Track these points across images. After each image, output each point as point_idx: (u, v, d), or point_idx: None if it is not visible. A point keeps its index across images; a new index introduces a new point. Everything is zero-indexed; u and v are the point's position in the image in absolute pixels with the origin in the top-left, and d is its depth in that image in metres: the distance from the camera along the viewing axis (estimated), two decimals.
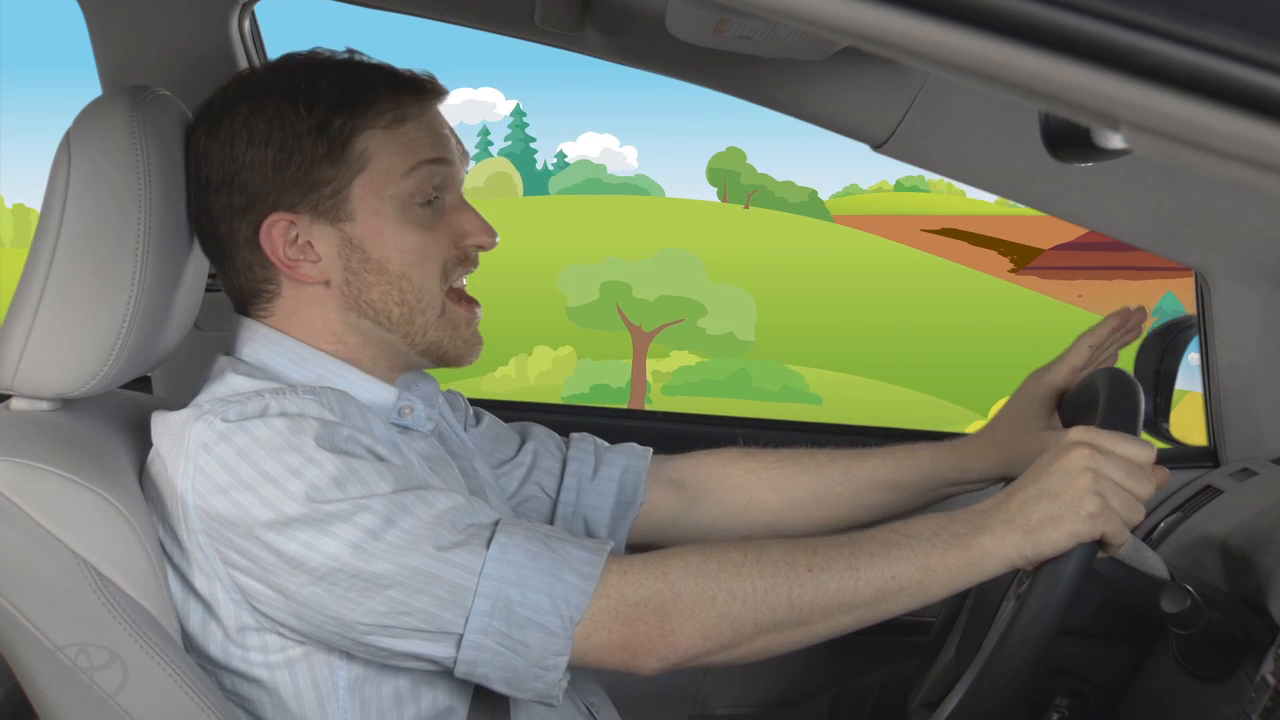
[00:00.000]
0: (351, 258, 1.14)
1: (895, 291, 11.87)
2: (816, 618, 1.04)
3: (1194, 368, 1.68)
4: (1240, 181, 0.56)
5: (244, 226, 1.14)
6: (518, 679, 1.04)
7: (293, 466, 1.02)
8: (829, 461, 1.39)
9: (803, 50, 1.39)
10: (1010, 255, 12.86)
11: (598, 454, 1.41)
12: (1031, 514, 1.04)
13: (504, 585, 1.02)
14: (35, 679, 1.07)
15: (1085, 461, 1.04)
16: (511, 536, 1.04)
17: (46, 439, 1.07)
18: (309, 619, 1.04)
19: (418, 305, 1.15)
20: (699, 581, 1.03)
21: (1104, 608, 1.20)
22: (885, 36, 0.58)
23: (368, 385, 1.16)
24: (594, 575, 1.03)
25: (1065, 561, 1.03)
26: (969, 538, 1.04)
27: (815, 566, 1.04)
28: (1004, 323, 11.30)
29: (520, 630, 1.02)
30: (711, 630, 1.03)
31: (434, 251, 1.15)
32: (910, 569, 1.04)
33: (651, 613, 1.03)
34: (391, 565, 1.01)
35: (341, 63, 1.17)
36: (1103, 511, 1.02)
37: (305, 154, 1.12)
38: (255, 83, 1.16)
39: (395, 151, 1.13)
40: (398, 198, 1.13)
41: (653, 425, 1.92)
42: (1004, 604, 1.21)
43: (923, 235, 13.18)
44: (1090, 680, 1.23)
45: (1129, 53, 0.54)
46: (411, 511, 1.03)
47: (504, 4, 1.60)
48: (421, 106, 1.16)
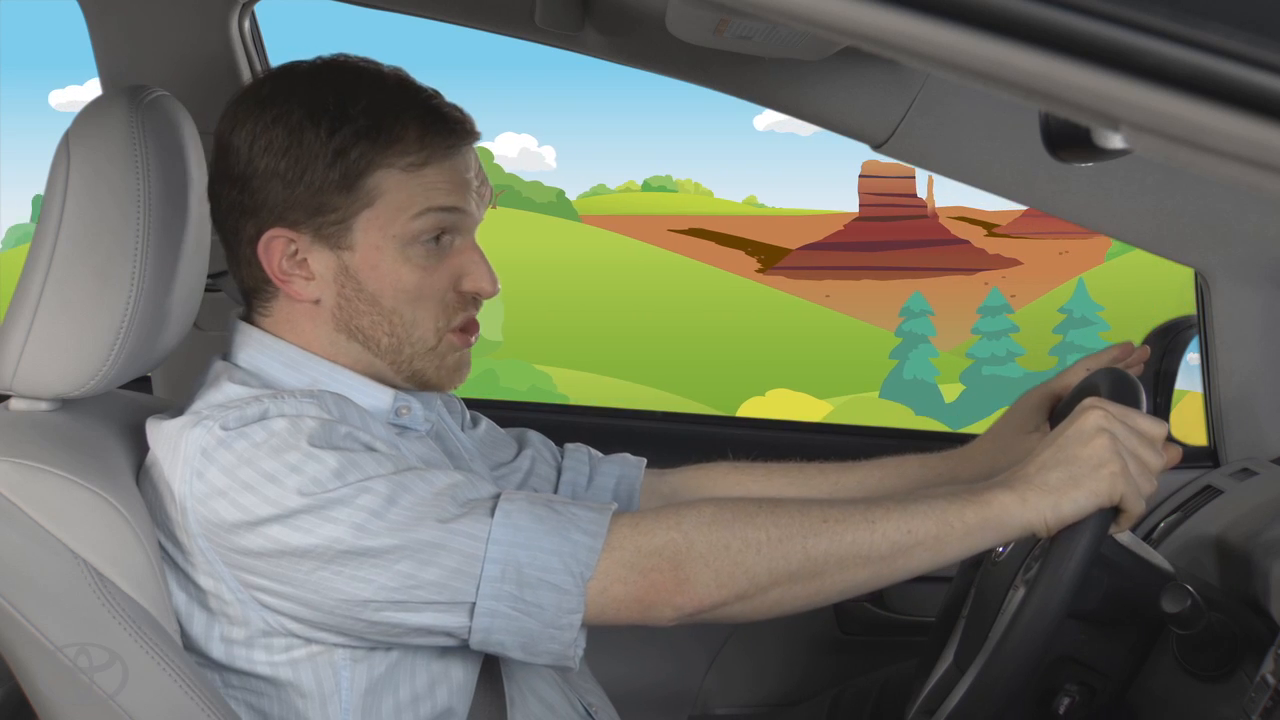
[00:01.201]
0: (346, 285, 1.13)
1: (642, 291, 12.00)
2: (832, 569, 1.03)
3: (1194, 368, 1.68)
4: (1240, 181, 0.56)
5: (249, 226, 1.13)
6: (533, 642, 1.04)
7: (292, 464, 1.03)
8: (818, 474, 1.39)
9: (803, 50, 1.39)
10: (758, 255, 12.94)
11: (592, 464, 1.41)
12: (1050, 476, 1.04)
13: (513, 549, 1.02)
14: (35, 679, 1.07)
15: (1101, 422, 1.04)
16: (515, 503, 1.04)
17: (46, 439, 1.07)
18: (320, 606, 1.04)
19: (406, 339, 1.14)
20: (713, 530, 1.03)
21: (1112, 595, 1.20)
22: (885, 36, 0.58)
23: (364, 388, 1.16)
24: (601, 532, 1.03)
25: (1080, 532, 1.03)
26: (988, 494, 1.04)
27: (830, 518, 1.04)
28: (751, 322, 11.41)
29: (533, 592, 1.02)
30: (726, 579, 1.02)
31: (429, 293, 1.13)
32: (927, 524, 1.03)
33: (666, 561, 1.02)
34: (397, 540, 1.02)
35: (378, 85, 1.13)
36: (1123, 472, 1.02)
37: (317, 177, 1.10)
38: (290, 86, 1.13)
39: (408, 193, 1.11)
40: (401, 237, 1.11)
41: (651, 425, 1.92)
42: (1011, 593, 1.21)
43: (670, 235, 13.18)
44: (1098, 669, 1.23)
45: (1129, 53, 0.54)
46: (412, 489, 1.03)
47: (504, 4, 1.60)
48: (449, 151, 1.12)
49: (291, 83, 1.13)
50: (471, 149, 1.16)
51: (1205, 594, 1.16)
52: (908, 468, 1.37)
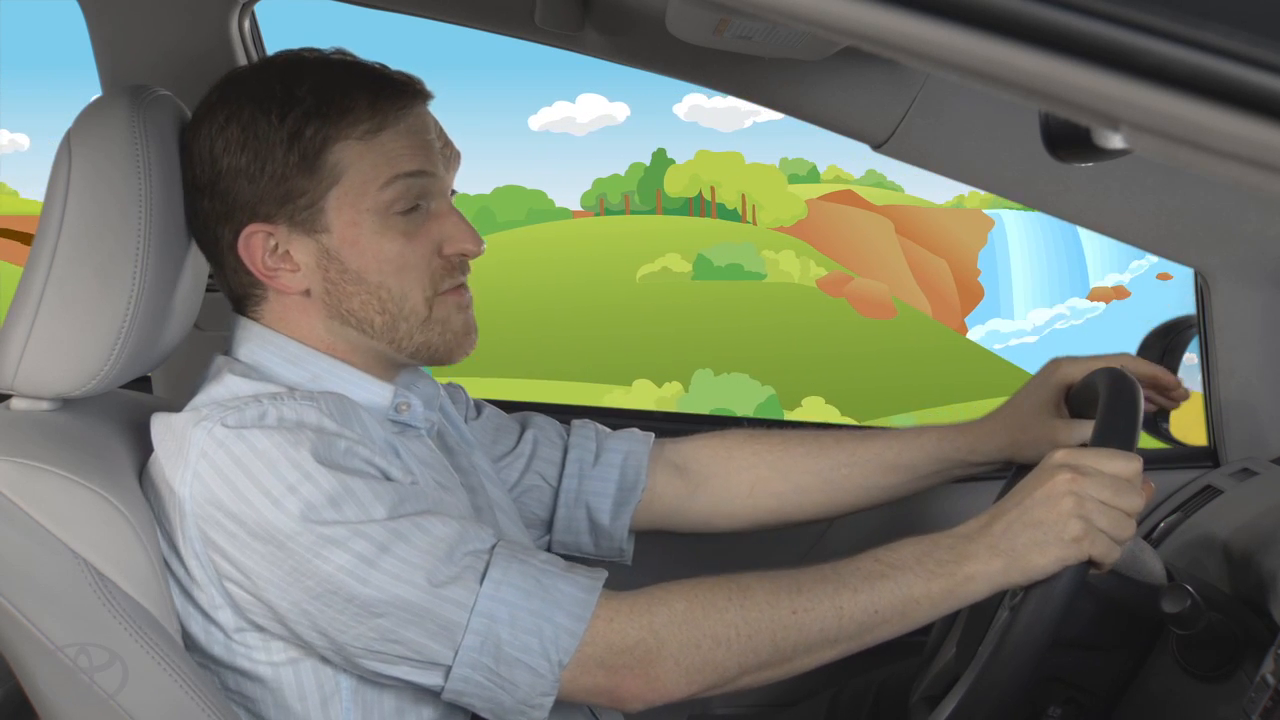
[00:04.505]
0: (330, 268, 1.12)
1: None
2: (799, 655, 1.05)
3: (1194, 368, 1.68)
4: (1240, 181, 0.56)
5: (226, 232, 1.13)
6: (503, 711, 1.05)
7: (289, 482, 1.02)
8: (834, 444, 1.38)
9: (803, 50, 1.39)
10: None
11: (599, 440, 1.41)
12: (1016, 540, 1.03)
13: (495, 624, 1.02)
14: (35, 679, 1.07)
15: (1068, 486, 1.03)
16: (506, 572, 1.04)
17: (47, 439, 1.07)
18: (300, 634, 1.05)
19: (399, 314, 1.13)
20: (683, 630, 1.04)
21: (1098, 619, 1.20)
22: (885, 36, 0.58)
23: (363, 384, 1.16)
24: (584, 616, 1.04)
25: (1055, 581, 1.03)
26: (953, 565, 1.04)
27: (799, 608, 1.04)
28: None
29: (509, 669, 1.03)
30: (696, 675, 1.04)
31: (413, 260, 1.13)
32: (893, 601, 1.04)
33: (637, 661, 1.04)
34: (383, 595, 1.02)
35: (322, 66, 1.13)
36: (1087, 534, 1.02)
37: (278, 164, 1.10)
38: (238, 85, 1.14)
39: (371, 164, 1.11)
40: (374, 209, 1.11)
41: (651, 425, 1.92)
42: (1000, 612, 1.21)
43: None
44: (1084, 688, 1.23)
45: (1129, 53, 0.54)
46: (407, 539, 1.03)
47: (504, 4, 1.60)
48: (401, 113, 1.12)
49: (237, 83, 1.14)
50: (427, 111, 1.16)
51: (1205, 594, 1.16)
52: (925, 440, 1.36)
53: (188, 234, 1.17)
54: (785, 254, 11.09)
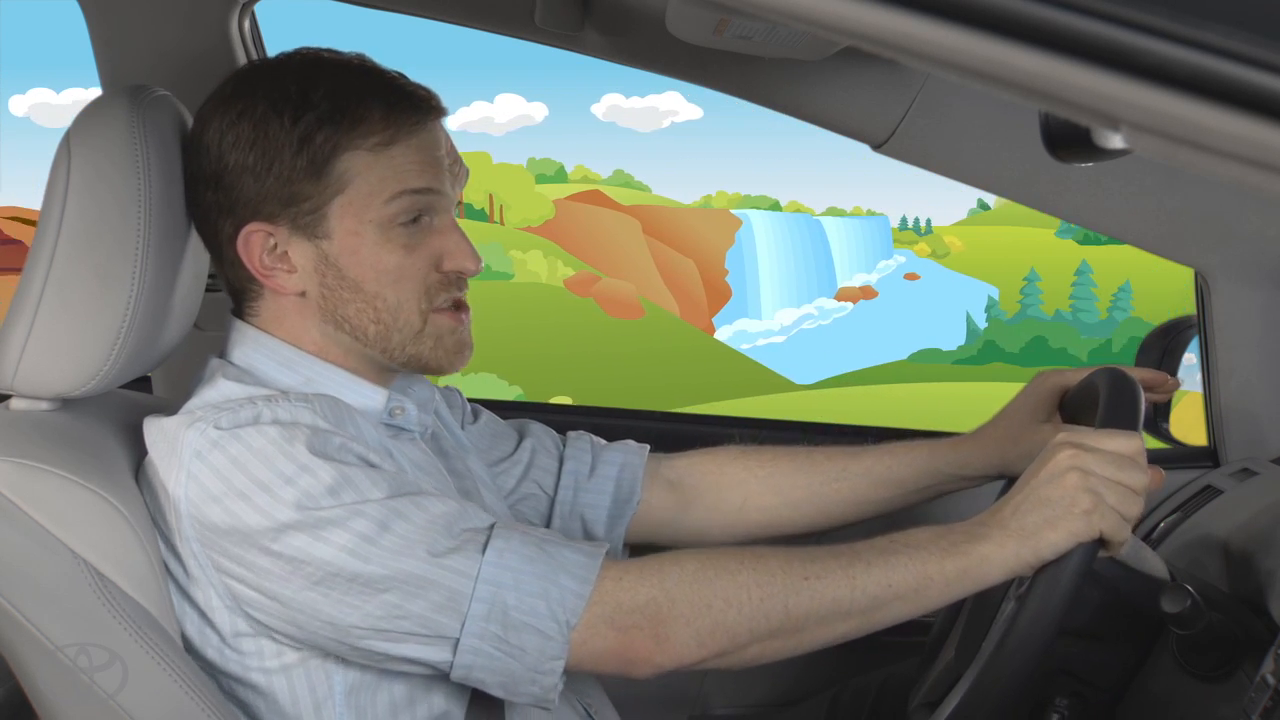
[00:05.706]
0: (327, 274, 1.12)
1: None
2: (812, 625, 1.04)
3: (1194, 368, 1.68)
4: (1240, 181, 0.56)
5: (227, 226, 1.13)
6: (514, 683, 1.04)
7: (286, 474, 1.02)
8: (825, 460, 1.39)
9: (803, 50, 1.39)
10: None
11: (594, 452, 1.41)
12: (1026, 519, 1.03)
13: (500, 590, 1.02)
14: (35, 679, 1.07)
15: (1071, 461, 1.03)
16: (508, 541, 1.04)
17: (46, 439, 1.07)
18: (304, 625, 1.04)
19: (393, 324, 1.13)
20: (695, 589, 1.03)
21: (1104, 609, 1.20)
22: (885, 36, 0.58)
23: (357, 388, 1.16)
24: (589, 579, 1.03)
25: (1064, 562, 1.02)
26: (967, 545, 1.04)
27: (812, 575, 1.03)
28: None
29: (517, 634, 1.02)
30: (707, 638, 1.03)
31: (411, 273, 1.12)
32: (907, 577, 1.04)
33: (647, 620, 1.03)
34: (387, 570, 1.01)
35: (340, 71, 1.13)
36: (1097, 507, 1.02)
37: (285, 166, 1.09)
38: (253, 81, 1.14)
39: (378, 177, 1.10)
40: (377, 221, 1.11)
41: (650, 425, 1.92)
42: (1004, 604, 1.21)
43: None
44: (1090, 681, 1.23)
45: (1129, 53, 0.54)
46: (406, 516, 1.03)
47: (504, 4, 1.60)
48: (415, 128, 1.12)
49: (254, 79, 1.14)
50: (440, 127, 1.15)
51: (1205, 594, 1.16)
52: (916, 454, 1.36)
53: (188, 234, 1.17)
54: (533, 254, 11.09)
